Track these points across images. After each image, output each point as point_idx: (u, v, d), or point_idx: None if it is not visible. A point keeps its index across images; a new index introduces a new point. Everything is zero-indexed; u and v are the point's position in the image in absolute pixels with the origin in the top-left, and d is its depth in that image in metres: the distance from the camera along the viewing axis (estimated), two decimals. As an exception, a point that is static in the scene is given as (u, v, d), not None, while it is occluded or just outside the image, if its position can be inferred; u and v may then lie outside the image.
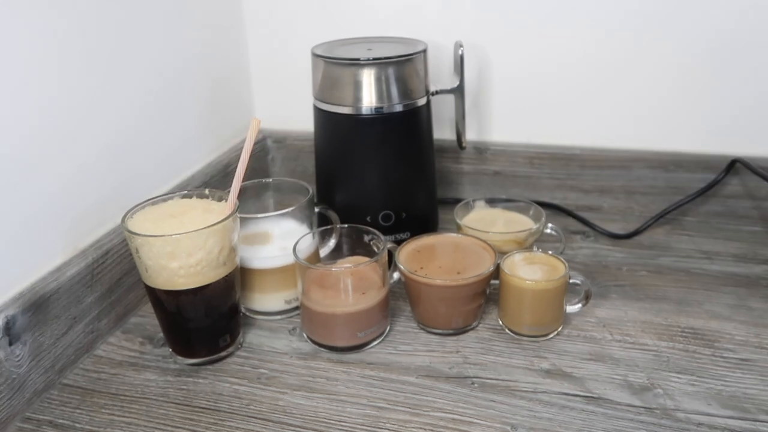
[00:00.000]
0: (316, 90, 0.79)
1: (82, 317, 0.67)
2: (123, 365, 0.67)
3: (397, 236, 0.80)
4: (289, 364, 0.66)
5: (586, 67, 0.89)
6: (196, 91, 0.88)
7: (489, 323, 0.71)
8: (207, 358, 0.66)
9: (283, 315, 0.74)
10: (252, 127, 0.65)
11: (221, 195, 0.68)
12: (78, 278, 0.66)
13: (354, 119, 0.76)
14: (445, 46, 0.89)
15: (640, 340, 0.68)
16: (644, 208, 0.92)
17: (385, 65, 0.75)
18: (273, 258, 0.71)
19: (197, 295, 0.63)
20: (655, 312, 0.72)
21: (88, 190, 0.70)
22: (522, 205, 0.81)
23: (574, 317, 0.71)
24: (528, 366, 0.65)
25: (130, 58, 0.75)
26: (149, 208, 0.66)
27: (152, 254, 0.60)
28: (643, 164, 0.90)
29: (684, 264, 0.81)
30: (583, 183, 0.94)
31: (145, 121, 0.78)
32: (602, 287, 0.77)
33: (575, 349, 0.67)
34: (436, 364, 0.65)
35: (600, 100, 0.90)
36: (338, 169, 0.80)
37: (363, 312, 0.66)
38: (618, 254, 0.84)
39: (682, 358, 0.65)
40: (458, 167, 0.97)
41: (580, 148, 0.93)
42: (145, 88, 0.78)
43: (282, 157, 1.04)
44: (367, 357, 0.67)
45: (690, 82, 0.86)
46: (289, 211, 0.72)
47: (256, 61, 1.01)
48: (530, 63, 0.91)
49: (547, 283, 0.66)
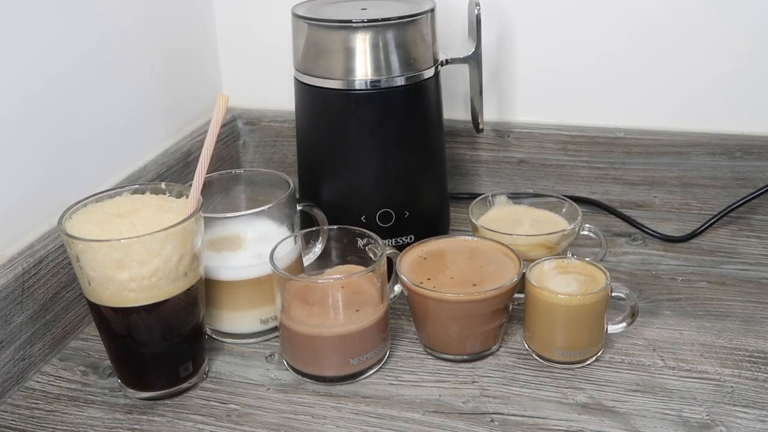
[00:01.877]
0: (297, 60, 0.80)
1: (10, 341, 0.67)
2: (61, 400, 0.67)
3: (398, 240, 0.80)
4: (266, 398, 0.67)
5: (634, 31, 0.90)
6: (149, 60, 0.89)
7: (512, 347, 0.72)
8: (165, 391, 0.67)
9: (259, 338, 0.74)
10: (218, 106, 0.65)
11: (181, 190, 0.68)
12: (5, 293, 0.66)
13: (345, 95, 0.77)
14: (458, 5, 0.90)
15: (698, 366, 0.68)
16: (704, 204, 0.93)
17: (383, 28, 0.76)
18: (245, 267, 0.72)
19: (152, 313, 0.63)
20: (718, 332, 0.72)
21: (13, 184, 0.71)
22: (553, 201, 0.82)
23: (618, 339, 0.72)
24: (560, 399, 0.65)
25: (64, 16, 0.75)
26: (92, 207, 0.66)
27: (96, 263, 0.61)
28: (703, 150, 0.91)
29: (753, 273, 0.81)
30: (628, 173, 0.94)
31: (84, 99, 0.79)
32: (652, 302, 0.77)
33: (619, 378, 0.67)
34: (448, 398, 0.66)
35: (651, 71, 0.91)
36: (326, 157, 0.81)
37: (357, 334, 0.67)
38: (672, 261, 0.84)
39: (750, 389, 0.65)
40: (474, 154, 0.98)
41: (624, 130, 0.93)
42: (83, 55, 0.78)
43: (256, 142, 1.04)
44: (362, 389, 0.67)
45: (761, 51, 0.87)
46: (265, 210, 0.72)
47: (224, 25, 1.01)
48: (563, 25, 0.91)
49: (583, 298, 0.67)
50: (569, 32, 0.91)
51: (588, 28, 0.90)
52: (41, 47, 0.72)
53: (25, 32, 0.70)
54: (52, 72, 0.74)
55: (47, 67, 0.73)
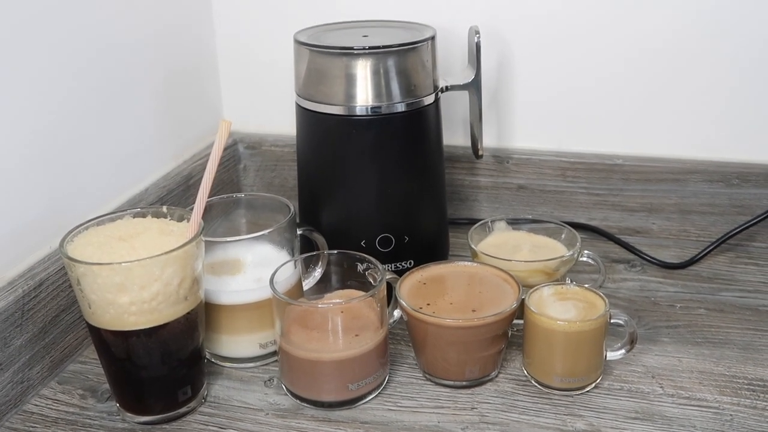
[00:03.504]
0: (299, 85, 0.81)
1: (9, 364, 0.67)
2: (59, 424, 0.67)
3: (398, 265, 0.81)
4: (265, 423, 0.67)
5: (633, 59, 0.91)
6: (151, 84, 0.89)
7: (511, 373, 0.72)
8: (163, 415, 0.67)
9: (258, 362, 0.74)
10: (220, 131, 0.66)
11: (182, 214, 0.69)
12: (4, 316, 0.66)
13: (346, 121, 0.78)
14: (458, 32, 0.91)
15: (697, 394, 0.68)
16: (702, 231, 0.93)
17: (384, 55, 0.76)
18: (245, 292, 0.72)
19: (152, 336, 0.63)
20: (716, 360, 0.72)
21: (15, 207, 0.71)
22: (552, 227, 0.82)
23: (617, 366, 0.72)
24: (560, 426, 0.65)
25: (66, 39, 0.76)
26: (93, 230, 0.67)
27: (97, 286, 0.61)
28: (701, 177, 0.91)
29: (752, 300, 0.82)
30: (627, 200, 0.95)
31: (86, 122, 0.79)
32: (651, 329, 0.77)
33: (618, 405, 0.67)
34: (446, 424, 0.66)
35: (649, 99, 0.92)
36: (326, 181, 0.81)
37: (356, 359, 0.67)
38: (670, 288, 0.84)
39: (750, 417, 0.65)
40: (473, 180, 0.98)
41: (623, 156, 0.94)
42: (85, 79, 0.79)
43: (256, 166, 1.05)
44: (361, 414, 0.67)
45: (758, 79, 0.88)
46: (266, 234, 0.73)
47: (226, 49, 1.02)
48: (562, 52, 0.92)
49: (582, 324, 0.67)
50: (569, 59, 0.92)
51: (587, 56, 0.91)
52: (43, 71, 0.73)
53: (29, 55, 0.71)
54: (54, 96, 0.74)
55: (49, 90, 0.74)
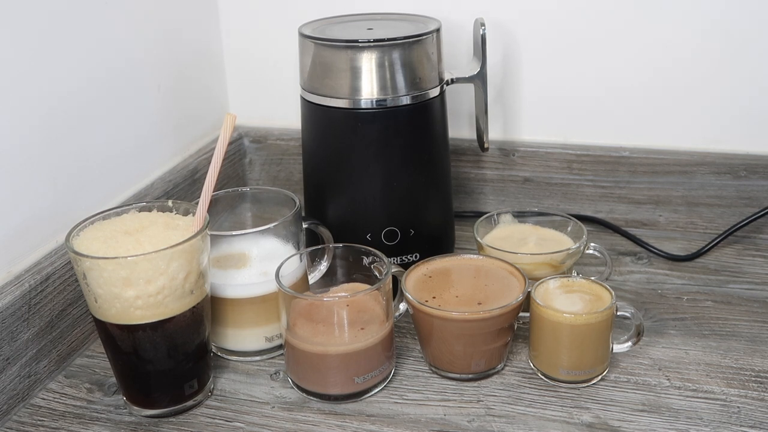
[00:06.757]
0: (304, 79, 0.81)
1: (16, 358, 0.68)
2: (66, 417, 0.68)
3: (403, 258, 0.81)
4: (271, 417, 0.67)
5: (639, 51, 0.90)
6: (157, 79, 0.89)
7: (517, 366, 0.72)
8: (169, 408, 0.67)
9: (264, 356, 0.74)
10: (226, 125, 0.66)
11: (187, 208, 0.69)
12: (11, 310, 0.67)
13: (351, 114, 0.78)
14: (463, 25, 0.90)
15: (704, 386, 0.68)
16: (709, 223, 0.93)
17: (389, 48, 0.76)
18: (251, 285, 0.72)
19: (158, 330, 0.63)
20: (723, 352, 0.72)
21: (21, 201, 0.71)
22: (558, 219, 0.82)
23: (623, 358, 0.72)
24: (566, 419, 0.65)
25: (71, 35, 0.76)
26: (99, 224, 0.67)
27: (103, 280, 0.61)
28: (708, 169, 0.91)
29: (759, 292, 0.81)
30: (633, 192, 0.94)
31: (91, 117, 0.79)
32: (658, 321, 0.77)
33: (624, 397, 0.67)
34: (453, 417, 0.66)
35: (656, 91, 0.91)
36: (331, 175, 0.81)
37: (362, 352, 0.67)
38: (677, 280, 0.84)
39: (757, 409, 0.65)
40: (479, 173, 0.98)
41: (629, 149, 0.93)
42: (91, 74, 0.79)
43: (262, 160, 1.05)
44: (367, 407, 0.67)
45: (766, 71, 0.87)
46: (271, 228, 0.73)
47: (231, 43, 1.02)
48: (568, 44, 0.92)
49: (588, 317, 0.67)
50: (574, 51, 0.91)
51: (593, 48, 0.91)
52: (50, 67, 0.73)
53: (35, 52, 0.71)
54: (60, 91, 0.75)
55: (55, 86, 0.74)
